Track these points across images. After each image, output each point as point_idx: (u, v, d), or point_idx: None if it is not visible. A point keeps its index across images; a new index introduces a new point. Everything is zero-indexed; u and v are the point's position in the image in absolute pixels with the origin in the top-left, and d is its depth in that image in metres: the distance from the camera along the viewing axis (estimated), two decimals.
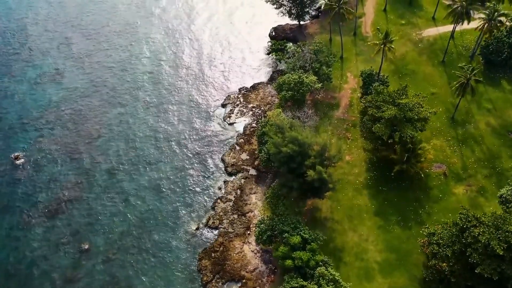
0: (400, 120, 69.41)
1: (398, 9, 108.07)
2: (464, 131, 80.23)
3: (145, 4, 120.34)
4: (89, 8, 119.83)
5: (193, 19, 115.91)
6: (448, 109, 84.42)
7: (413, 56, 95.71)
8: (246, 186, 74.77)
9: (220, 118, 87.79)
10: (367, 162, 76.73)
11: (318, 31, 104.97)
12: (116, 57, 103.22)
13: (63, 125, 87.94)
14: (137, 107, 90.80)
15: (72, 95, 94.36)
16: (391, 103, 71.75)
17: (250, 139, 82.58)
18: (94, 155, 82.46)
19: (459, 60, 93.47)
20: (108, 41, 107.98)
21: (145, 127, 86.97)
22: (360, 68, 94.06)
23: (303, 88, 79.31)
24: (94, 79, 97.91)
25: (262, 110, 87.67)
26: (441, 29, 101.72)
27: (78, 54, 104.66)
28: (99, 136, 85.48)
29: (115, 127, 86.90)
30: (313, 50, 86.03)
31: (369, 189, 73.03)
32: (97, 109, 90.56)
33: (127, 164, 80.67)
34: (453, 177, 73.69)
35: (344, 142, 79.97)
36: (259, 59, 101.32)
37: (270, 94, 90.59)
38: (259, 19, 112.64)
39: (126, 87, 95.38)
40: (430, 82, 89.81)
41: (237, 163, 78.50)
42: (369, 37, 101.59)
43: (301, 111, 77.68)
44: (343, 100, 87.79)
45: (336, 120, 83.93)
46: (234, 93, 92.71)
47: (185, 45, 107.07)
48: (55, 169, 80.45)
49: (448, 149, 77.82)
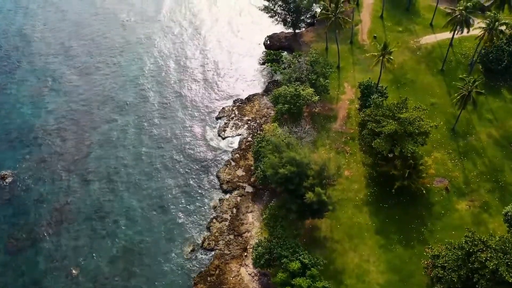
0: (400, 135, 67.17)
1: (395, 15, 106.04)
2: (466, 143, 78.17)
3: (137, 18, 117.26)
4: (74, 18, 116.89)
5: (185, 30, 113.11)
6: (449, 120, 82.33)
7: (411, 65, 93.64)
8: (242, 205, 72.17)
9: (214, 132, 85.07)
10: (366, 178, 74.40)
11: (314, 39, 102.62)
12: (106, 71, 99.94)
13: (52, 142, 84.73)
14: (128, 122, 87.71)
15: (61, 109, 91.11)
16: (391, 117, 69.51)
17: (246, 154, 79.99)
18: (84, 173, 79.42)
19: (458, 69, 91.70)
20: (97, 53, 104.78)
21: (137, 143, 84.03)
22: (357, 78, 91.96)
23: (299, 101, 76.90)
24: (83, 93, 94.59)
25: (257, 123, 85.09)
26: (439, 36, 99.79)
27: (67, 67, 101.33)
28: (89, 153, 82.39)
29: (105, 143, 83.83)
30: (309, 61, 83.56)
31: (369, 206, 70.70)
32: (87, 125, 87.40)
33: (118, 183, 77.70)
34: (455, 192, 71.54)
35: (343, 156, 77.60)
36: (254, 69, 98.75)
37: (265, 106, 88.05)
38: (253, 27, 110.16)
39: (116, 103, 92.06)
40: (429, 92, 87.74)
41: (233, 180, 75.88)
42: (366, 45, 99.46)
43: (298, 126, 75.17)
44: (340, 112, 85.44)
45: (334, 133, 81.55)
46: (229, 105, 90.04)
47: (177, 56, 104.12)
48: (43, 189, 77.34)
49: (449, 162, 75.70)
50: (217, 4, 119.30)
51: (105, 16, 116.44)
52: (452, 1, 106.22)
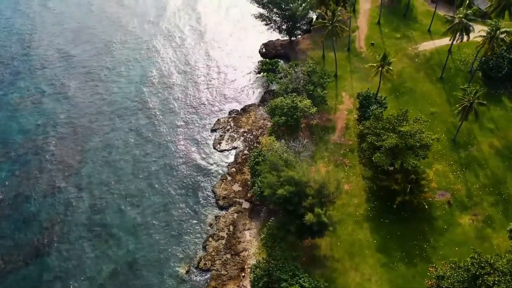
0: (401, 148, 65.23)
1: (392, 21, 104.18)
2: (467, 154, 76.34)
3: (128, 26, 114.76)
4: (70, 25, 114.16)
5: (179, 37, 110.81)
6: (449, 129, 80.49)
7: (410, 73, 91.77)
8: (239, 222, 69.92)
9: (210, 145, 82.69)
10: (366, 191, 72.39)
11: (310, 47, 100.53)
12: (97, 82, 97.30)
13: (42, 156, 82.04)
14: (120, 135, 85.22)
15: (51, 122, 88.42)
16: (391, 130, 67.56)
17: (242, 167, 77.74)
18: (75, 189, 76.85)
19: (458, 76, 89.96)
20: (88, 63, 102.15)
21: (129, 157, 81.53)
22: (355, 87, 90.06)
23: (297, 113, 74.79)
24: (74, 105, 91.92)
25: (254, 135, 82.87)
26: (437, 43, 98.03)
27: (58, 78, 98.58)
28: (80, 168, 79.83)
29: (97, 158, 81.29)
30: (306, 71, 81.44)
31: (370, 222, 68.68)
32: (78, 138, 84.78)
33: (110, 200, 75.18)
34: (458, 206, 69.67)
35: (342, 169, 75.57)
36: (249, 79, 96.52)
37: (262, 117, 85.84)
38: (248, 35, 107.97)
39: (108, 115, 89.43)
40: (428, 100, 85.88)
41: (229, 195, 73.60)
42: (363, 52, 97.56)
43: (296, 139, 73.05)
44: (339, 123, 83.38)
45: (332, 145, 79.47)
46: (224, 116, 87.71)
47: (171, 66, 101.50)
48: (33, 207, 74.70)
49: (451, 175, 73.84)
50: (209, 12, 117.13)
51: (96, 26, 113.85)
52: (450, 6, 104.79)
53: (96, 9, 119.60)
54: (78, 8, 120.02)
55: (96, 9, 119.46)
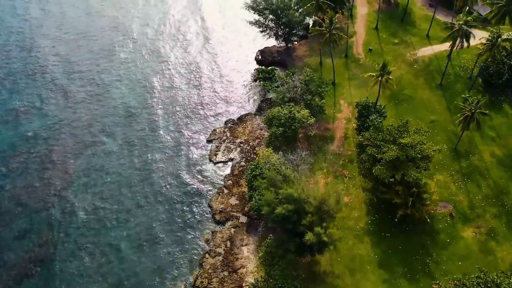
0: (402, 161, 63.55)
1: (390, 26, 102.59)
2: (469, 164, 74.77)
3: (124, 33, 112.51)
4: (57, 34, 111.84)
5: (173, 47, 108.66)
6: (450, 138, 78.94)
7: (409, 79, 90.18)
8: (236, 237, 67.95)
9: (205, 156, 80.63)
10: (367, 204, 70.66)
11: (307, 53, 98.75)
12: (92, 91, 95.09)
13: (33, 171, 79.69)
14: (113, 148, 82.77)
15: (42, 134, 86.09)
16: (391, 142, 65.84)
17: (239, 180, 75.77)
18: (66, 206, 74.52)
19: (458, 82, 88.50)
20: (80, 74, 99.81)
21: (122, 170, 79.31)
22: (353, 94, 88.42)
23: (294, 124, 72.93)
24: (66, 116, 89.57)
25: (250, 145, 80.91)
26: (436, 48, 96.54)
27: (48, 88, 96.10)
28: (73, 182, 77.58)
29: (90, 171, 79.05)
30: (303, 80, 79.59)
31: (371, 236, 66.93)
32: (71, 151, 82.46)
33: (103, 215, 73.00)
34: (460, 218, 68.06)
35: (341, 181, 73.84)
36: (245, 87, 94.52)
37: (259, 126, 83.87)
38: (243, 42, 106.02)
39: (102, 126, 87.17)
40: (428, 108, 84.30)
41: (226, 209, 71.62)
42: (361, 58, 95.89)
43: (294, 151, 71.20)
44: (337, 132, 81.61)
45: (331, 156, 77.67)
46: (220, 126, 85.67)
47: (165, 75, 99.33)
48: (22, 225, 72.33)
49: (452, 185, 72.24)
50: (205, 19, 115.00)
51: (90, 35, 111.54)
52: (448, 11, 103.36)
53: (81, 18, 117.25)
54: (75, 13, 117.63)
55: (83, 19, 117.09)
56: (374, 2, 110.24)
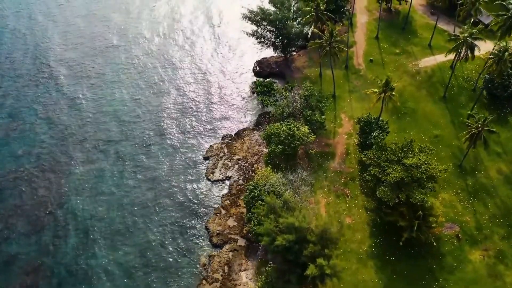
0: (407, 182, 60.90)
1: (391, 36, 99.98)
2: (475, 181, 72.23)
3: (116, 45, 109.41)
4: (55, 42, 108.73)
5: (167, 56, 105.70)
6: (454, 154, 76.37)
7: (411, 91, 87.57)
8: (234, 262, 65.14)
9: (202, 174, 77.66)
10: (370, 225, 67.97)
11: (306, 64, 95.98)
12: (83, 104, 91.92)
13: (22, 191, 76.50)
14: (106, 166, 79.62)
15: (32, 151, 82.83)
16: (395, 162, 63.17)
17: (237, 199, 72.93)
18: (58, 227, 71.52)
19: (461, 95, 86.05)
20: (71, 86, 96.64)
21: (116, 189, 76.29)
22: (354, 107, 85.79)
23: (294, 142, 70.17)
24: (57, 133, 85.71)
25: (249, 163, 78.09)
26: (438, 58, 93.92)
27: (39, 103, 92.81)
28: (63, 203, 74.45)
29: (82, 191, 75.96)
30: (303, 95, 76.82)
31: (374, 259, 64.22)
32: (61, 169, 79.30)
33: (95, 238, 69.98)
34: (467, 240, 65.49)
35: (343, 200, 71.17)
36: (243, 100, 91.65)
37: (257, 142, 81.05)
38: (240, 53, 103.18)
39: (94, 142, 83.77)
40: (432, 122, 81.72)
41: (224, 232, 68.76)
42: (362, 69, 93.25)
43: (293, 169, 68.47)
44: (338, 148, 78.88)
45: (332, 173, 74.93)
46: (217, 142, 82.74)
47: (160, 87, 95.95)
48: (12, 248, 69.28)
49: (458, 205, 69.69)
50: (199, 28, 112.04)
51: (85, 43, 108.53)
52: (450, 19, 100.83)
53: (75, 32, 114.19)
54: (64, 17, 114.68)
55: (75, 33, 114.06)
56: (374, 10, 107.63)
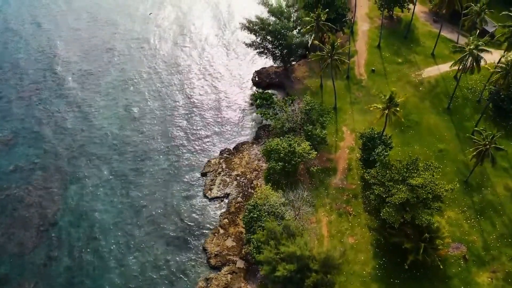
0: (413, 204, 58.57)
1: (393, 44, 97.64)
2: (481, 198, 69.93)
3: (109, 59, 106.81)
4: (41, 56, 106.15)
5: (165, 67, 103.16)
6: (460, 169, 74.04)
7: (414, 103, 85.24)
8: (233, 285, 62.71)
9: (200, 191, 75.16)
10: (374, 246, 65.61)
11: (306, 75, 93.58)
12: (77, 117, 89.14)
13: (13, 209, 73.89)
14: (100, 182, 76.85)
15: (23, 166, 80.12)
16: (400, 182, 60.82)
17: (236, 218, 70.52)
18: (51, 246, 69.02)
19: (466, 106, 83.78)
20: (64, 97, 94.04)
21: (110, 207, 73.69)
22: (356, 120, 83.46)
23: (295, 159, 67.79)
24: (50, 148, 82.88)
25: (248, 179, 75.65)
26: (442, 68, 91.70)
27: (31, 116, 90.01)
28: (57, 221, 71.92)
29: (75, 209, 73.40)
30: (303, 108, 74.42)
31: (379, 283, 61.87)
32: (52, 187, 76.54)
33: (88, 259, 67.38)
34: (475, 261, 63.20)
35: (345, 219, 68.82)
36: (241, 112, 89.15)
37: (256, 157, 78.63)
38: (239, 62, 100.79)
39: (89, 156, 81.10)
40: (436, 135, 79.41)
41: (222, 253, 66.33)
42: (363, 80, 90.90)
43: (295, 189, 66.09)
44: (340, 163, 76.49)
45: (334, 190, 72.55)
46: (215, 157, 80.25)
47: (156, 98, 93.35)
48: (4, 268, 66.72)
49: (465, 223, 67.38)
50: (197, 36, 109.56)
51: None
52: (453, 26, 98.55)
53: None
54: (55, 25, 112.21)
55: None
56: (375, 17, 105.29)
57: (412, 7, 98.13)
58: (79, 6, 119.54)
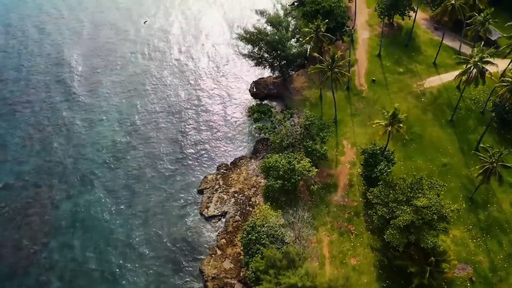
0: (418, 226, 56.29)
1: (393, 53, 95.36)
2: (487, 216, 67.72)
3: (104, 68, 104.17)
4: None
5: (157, 77, 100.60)
6: (464, 185, 71.80)
7: (416, 114, 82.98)
8: None
9: (196, 210, 72.55)
10: (377, 267, 63.26)
11: (305, 85, 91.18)
12: (68, 133, 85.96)
13: (1, 229, 71.22)
14: (92, 199, 74.13)
15: (12, 186, 77.08)
16: (404, 203, 58.52)
17: (234, 238, 68.04)
18: (41, 270, 66.22)
19: (470, 118, 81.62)
20: (56, 111, 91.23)
21: (103, 227, 70.95)
22: (357, 133, 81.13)
23: (294, 177, 65.38)
24: (41, 164, 79.99)
25: (246, 196, 73.16)
26: (444, 77, 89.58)
27: (19, 128, 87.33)
28: (46, 244, 69.22)
29: (66, 230, 70.68)
30: (303, 124, 72.00)
31: None
32: (44, 205, 73.84)
33: (81, 282, 64.78)
34: (481, 283, 60.99)
35: (347, 238, 66.45)
36: (239, 125, 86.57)
37: (254, 172, 76.11)
38: (237, 71, 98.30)
39: (80, 174, 77.97)
40: (439, 148, 77.13)
41: (219, 275, 63.86)
42: (364, 90, 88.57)
43: (294, 209, 63.71)
44: (341, 179, 74.12)
45: (335, 207, 70.18)
46: (212, 173, 77.68)
47: (150, 111, 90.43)
48: None
49: (470, 243, 65.13)
50: (193, 46, 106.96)
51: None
52: (455, 34, 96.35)
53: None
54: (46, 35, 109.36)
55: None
56: (375, 25, 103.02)
57: (413, 15, 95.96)
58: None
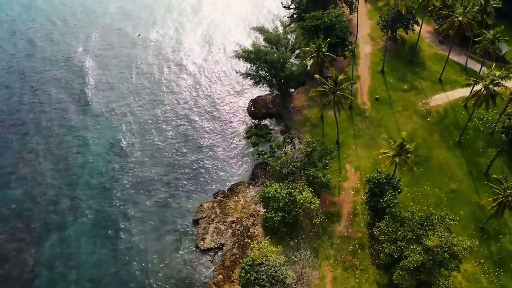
0: (429, 268, 52.51)
1: (397, 69, 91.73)
2: (499, 248, 64.04)
3: (96, 86, 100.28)
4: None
5: (153, 96, 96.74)
6: (474, 213, 68.11)
7: (422, 136, 79.33)
8: None
9: (191, 242, 68.49)
10: None
11: (306, 104, 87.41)
12: (55, 157, 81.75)
13: None
14: (83, 231, 69.86)
15: (1, 211, 73.37)
16: (414, 241, 54.74)
17: (231, 273, 64.07)
18: None
19: (478, 139, 78.07)
20: (39, 133, 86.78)
21: (93, 261, 66.62)
22: (360, 156, 77.41)
23: (295, 209, 61.54)
24: (25, 192, 75.47)
25: (244, 226, 69.23)
26: (450, 95, 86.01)
27: (11, 146, 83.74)
28: (31, 281, 64.96)
29: (53, 265, 66.30)
30: (304, 150, 68.14)
31: None
32: (28, 238, 69.32)
33: None
34: None
35: (352, 274, 62.59)
36: (236, 147, 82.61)
37: (253, 200, 72.19)
38: (234, 89, 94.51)
39: (68, 202, 73.42)
40: (447, 173, 73.47)
41: None
42: (367, 109, 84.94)
43: (296, 250, 59.97)
44: (344, 207, 70.29)
45: (338, 239, 66.34)
46: (209, 201, 73.63)
47: (142, 130, 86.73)
48: None
49: (483, 278, 61.38)
50: (189, 64, 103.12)
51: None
52: (461, 49, 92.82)
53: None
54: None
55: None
56: (378, 38, 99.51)
57: (417, 28, 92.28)
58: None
